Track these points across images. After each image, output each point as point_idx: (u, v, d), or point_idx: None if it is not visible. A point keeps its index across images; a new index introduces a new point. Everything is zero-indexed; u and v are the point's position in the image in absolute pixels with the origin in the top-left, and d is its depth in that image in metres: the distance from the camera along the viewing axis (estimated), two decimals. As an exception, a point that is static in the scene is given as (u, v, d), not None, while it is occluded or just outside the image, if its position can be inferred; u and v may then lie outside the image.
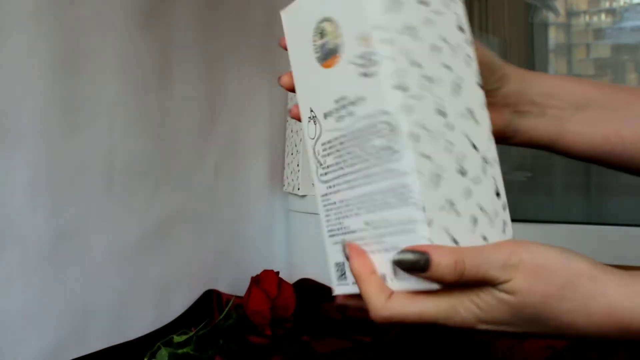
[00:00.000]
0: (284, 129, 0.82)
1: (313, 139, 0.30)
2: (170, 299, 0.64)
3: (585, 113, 0.36)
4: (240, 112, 0.74)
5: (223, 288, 0.70)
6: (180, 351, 0.56)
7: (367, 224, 0.28)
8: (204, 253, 0.69)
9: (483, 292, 0.26)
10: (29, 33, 0.49)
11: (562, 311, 0.26)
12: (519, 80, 0.35)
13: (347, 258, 0.28)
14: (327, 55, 0.28)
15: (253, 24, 0.76)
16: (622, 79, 0.93)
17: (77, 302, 0.54)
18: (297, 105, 0.31)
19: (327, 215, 0.30)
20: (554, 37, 0.97)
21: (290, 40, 0.31)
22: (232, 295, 0.66)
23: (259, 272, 0.67)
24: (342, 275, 0.29)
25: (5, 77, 0.48)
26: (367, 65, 0.26)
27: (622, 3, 0.92)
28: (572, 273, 0.26)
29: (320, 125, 0.29)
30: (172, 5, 0.64)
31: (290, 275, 0.74)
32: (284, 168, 0.81)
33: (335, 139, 0.28)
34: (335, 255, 0.30)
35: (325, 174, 0.29)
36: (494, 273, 0.26)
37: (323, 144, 0.29)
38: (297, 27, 0.30)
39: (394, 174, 0.26)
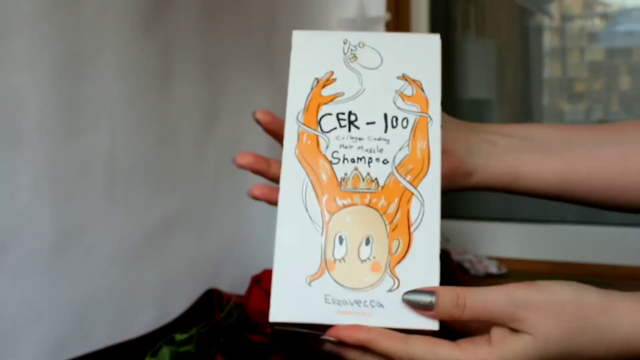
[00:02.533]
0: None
1: None
2: (171, 298, 0.65)
3: (540, 145, 0.35)
4: (241, 113, 0.75)
5: (224, 287, 0.70)
6: (181, 349, 0.56)
7: None
8: (205, 253, 0.70)
9: (505, 342, 0.26)
10: (31, 35, 0.50)
11: (583, 345, 0.26)
12: (464, 123, 0.36)
13: (336, 341, 0.28)
14: None
15: (253, 26, 0.77)
16: (616, 82, 0.94)
17: (80, 301, 0.55)
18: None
19: None
20: (549, 40, 0.98)
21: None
22: (232, 295, 0.67)
23: (259, 272, 0.68)
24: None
25: (8, 79, 0.48)
26: None
27: (615, 8, 0.94)
28: (584, 307, 0.27)
29: None
30: (173, 7, 0.65)
31: (290, 275, 0.74)
32: (283, 169, 0.81)
33: None
34: None
35: None
36: (501, 310, 0.26)
37: None
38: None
39: None
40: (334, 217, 0.30)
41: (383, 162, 0.30)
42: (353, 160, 0.31)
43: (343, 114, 0.31)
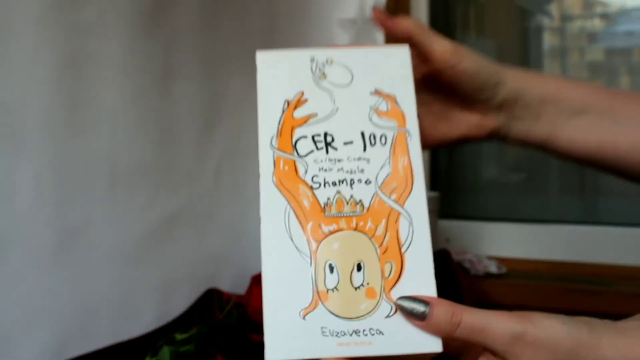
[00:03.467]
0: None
1: None
2: (171, 297, 0.65)
3: (580, 120, 0.35)
4: (241, 114, 0.75)
5: (224, 287, 0.70)
6: (182, 349, 0.56)
7: None
8: (205, 252, 0.70)
9: None
10: (33, 36, 0.50)
11: None
12: (514, 84, 0.35)
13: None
14: None
15: (253, 27, 0.77)
16: (615, 82, 0.94)
17: (80, 300, 0.55)
18: None
19: None
20: (549, 41, 0.98)
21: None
22: (232, 294, 0.67)
23: (259, 272, 0.68)
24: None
25: (10, 80, 0.49)
26: None
27: (615, 8, 0.94)
28: (575, 344, 0.27)
29: None
30: (174, 8, 0.65)
31: (290, 275, 0.74)
32: (283, 169, 0.81)
33: None
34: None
35: None
36: (497, 337, 0.26)
37: None
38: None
39: None
40: (321, 245, 0.29)
41: (365, 182, 0.29)
42: (334, 184, 0.29)
43: (319, 135, 0.30)
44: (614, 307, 0.74)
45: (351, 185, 0.29)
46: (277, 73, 0.31)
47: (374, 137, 0.30)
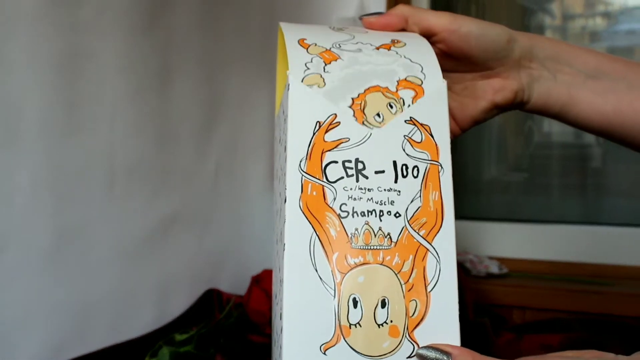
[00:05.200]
0: (284, 130, 0.83)
1: None
2: (171, 298, 0.65)
3: (597, 83, 0.35)
4: (240, 113, 0.75)
5: (224, 287, 0.70)
6: (181, 350, 0.56)
7: None
8: (205, 252, 0.70)
9: None
10: (31, 34, 0.50)
11: None
12: (527, 42, 0.35)
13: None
14: None
15: (253, 25, 0.77)
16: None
17: (78, 301, 0.54)
18: None
19: None
20: (550, 39, 0.98)
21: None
22: (232, 295, 0.67)
23: (259, 272, 0.68)
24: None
25: (6, 78, 0.48)
26: None
27: (617, 7, 0.94)
28: None
29: None
30: (173, 7, 0.65)
31: (290, 275, 0.74)
32: (283, 169, 0.81)
33: None
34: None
35: None
36: None
37: None
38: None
39: None
40: (346, 278, 0.27)
41: (395, 215, 0.28)
42: (363, 214, 0.28)
43: (350, 161, 0.29)
44: (616, 307, 0.74)
45: (380, 217, 0.28)
46: (301, 32, 0.31)
47: (406, 169, 0.29)
